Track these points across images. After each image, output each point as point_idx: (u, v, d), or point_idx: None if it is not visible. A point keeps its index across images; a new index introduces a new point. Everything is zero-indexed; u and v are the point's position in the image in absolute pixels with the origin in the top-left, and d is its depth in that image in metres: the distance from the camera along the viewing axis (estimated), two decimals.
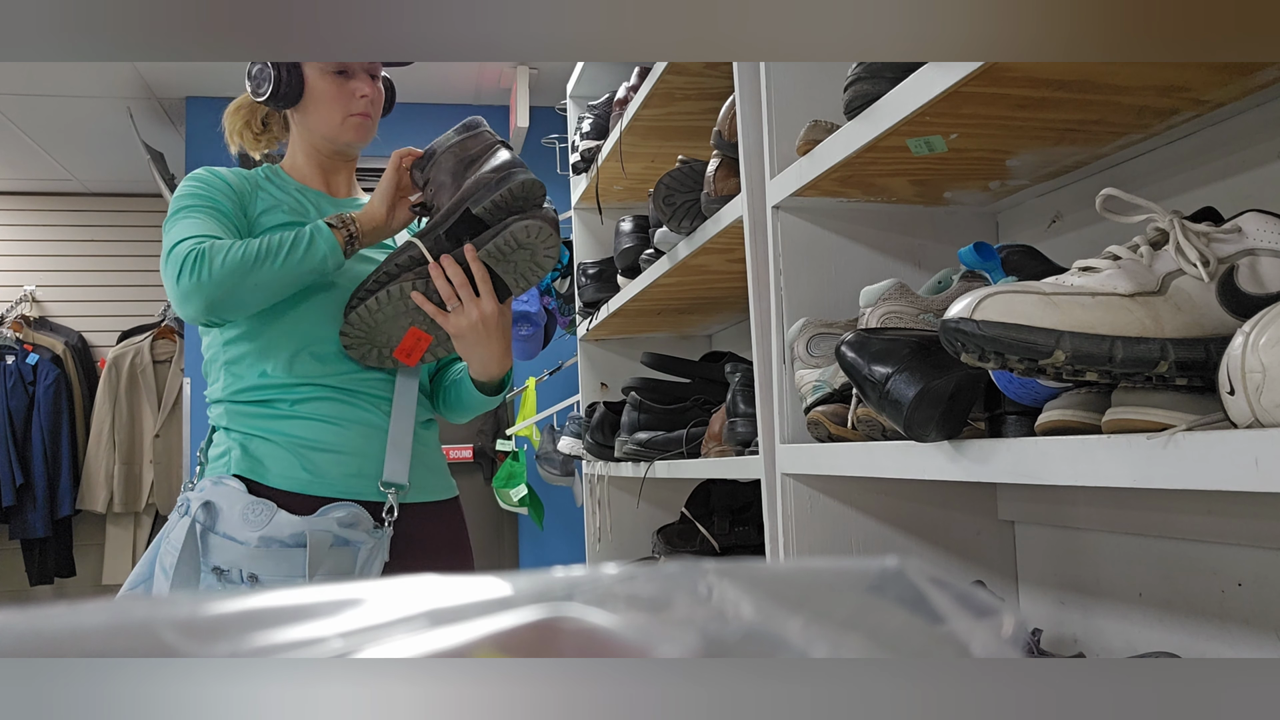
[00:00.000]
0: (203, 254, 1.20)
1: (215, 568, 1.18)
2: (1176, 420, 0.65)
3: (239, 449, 1.29)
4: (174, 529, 1.23)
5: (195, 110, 3.62)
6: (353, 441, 1.32)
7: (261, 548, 1.18)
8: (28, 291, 4.37)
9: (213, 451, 1.34)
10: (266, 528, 1.19)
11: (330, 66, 1.37)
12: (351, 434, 1.32)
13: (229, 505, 1.21)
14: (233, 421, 1.32)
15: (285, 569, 1.19)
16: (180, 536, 1.19)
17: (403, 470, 1.33)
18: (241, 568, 1.18)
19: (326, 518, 1.23)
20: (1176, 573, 1.04)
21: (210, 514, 1.21)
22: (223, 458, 1.30)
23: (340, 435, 1.31)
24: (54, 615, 0.24)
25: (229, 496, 1.22)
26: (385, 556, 1.29)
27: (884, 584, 0.31)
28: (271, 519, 1.20)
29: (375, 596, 0.27)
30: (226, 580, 1.18)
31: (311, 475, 1.28)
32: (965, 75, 0.83)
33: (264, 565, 1.19)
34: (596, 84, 2.46)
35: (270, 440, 1.29)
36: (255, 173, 1.43)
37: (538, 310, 3.20)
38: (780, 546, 1.22)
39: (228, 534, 1.19)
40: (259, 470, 1.27)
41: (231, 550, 1.19)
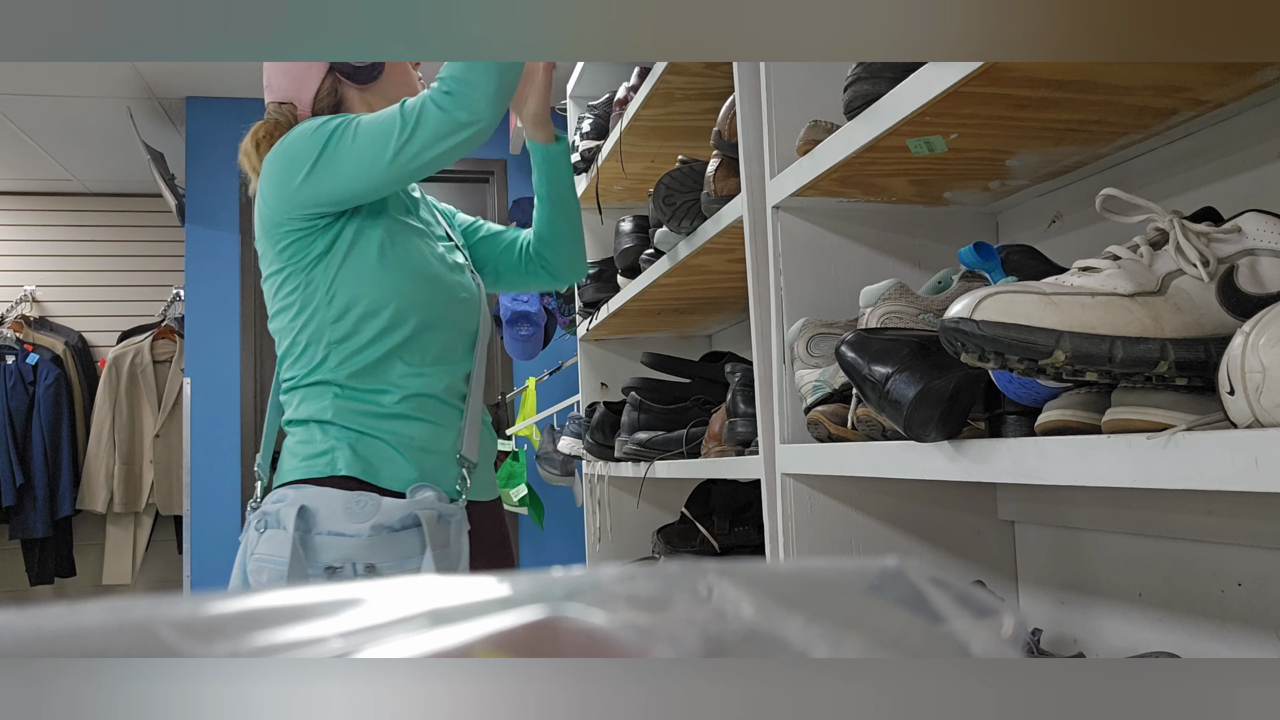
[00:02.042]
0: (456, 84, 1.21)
1: (327, 567, 1.20)
2: (1176, 420, 0.65)
3: (348, 450, 1.28)
4: (256, 545, 1.23)
5: (195, 110, 3.62)
6: (449, 442, 1.36)
7: (374, 536, 1.20)
8: (28, 291, 4.37)
9: (306, 449, 1.30)
10: (376, 516, 1.21)
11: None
12: (450, 435, 1.36)
13: (326, 505, 1.22)
14: (339, 416, 1.31)
15: (400, 553, 1.22)
16: (275, 549, 1.20)
17: (474, 449, 1.39)
18: (355, 560, 1.20)
19: (424, 497, 1.27)
20: (1176, 573, 1.04)
21: (305, 519, 1.21)
22: (323, 456, 1.29)
23: (442, 438, 1.35)
24: (54, 615, 0.24)
25: (322, 497, 1.23)
26: (467, 525, 1.33)
27: (884, 584, 0.31)
28: (379, 507, 1.22)
29: (375, 596, 0.27)
30: (340, 577, 1.19)
31: (420, 477, 1.30)
32: (965, 75, 0.83)
33: (379, 553, 1.21)
34: (596, 84, 2.46)
35: (380, 439, 1.30)
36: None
37: (538, 310, 3.21)
38: (780, 546, 1.22)
39: (333, 531, 1.21)
40: (371, 471, 1.28)
41: (342, 546, 1.20)
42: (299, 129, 1.32)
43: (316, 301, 1.33)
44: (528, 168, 3.93)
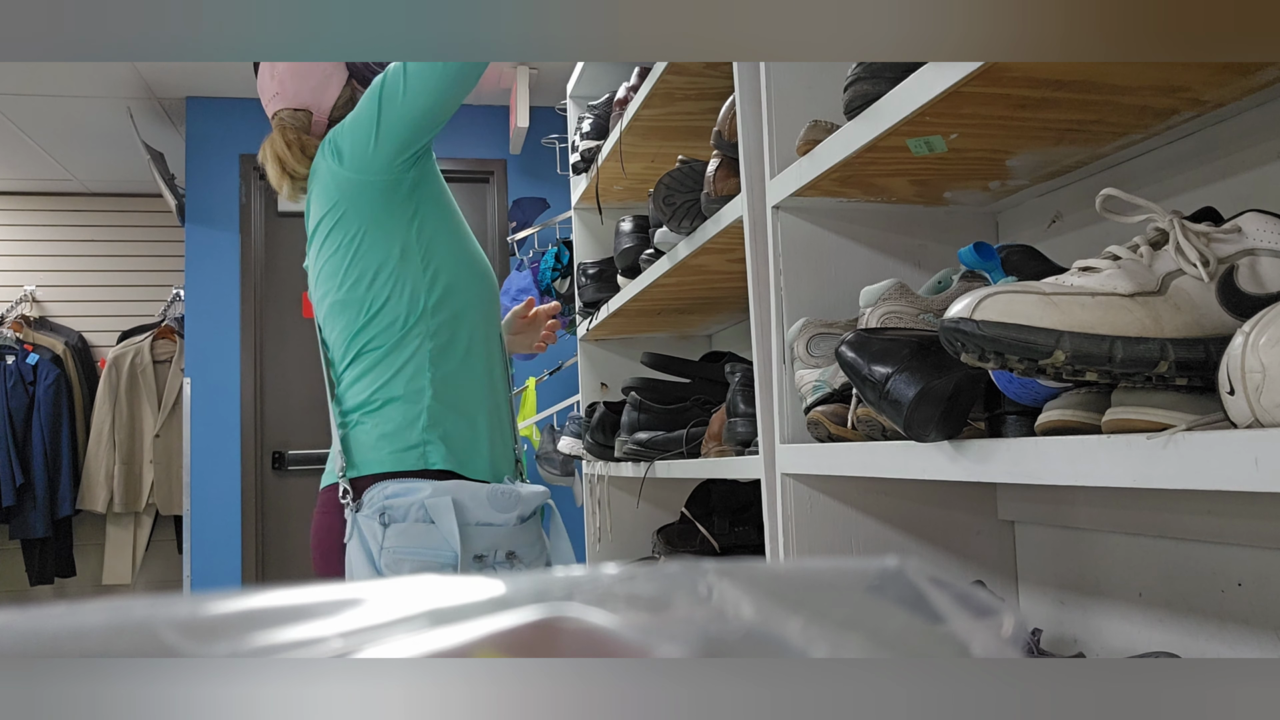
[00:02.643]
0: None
1: (476, 555, 1.24)
2: (1176, 420, 0.65)
3: (440, 444, 1.32)
4: (384, 538, 1.24)
5: (195, 110, 3.62)
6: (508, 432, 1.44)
7: (518, 525, 1.28)
8: (28, 291, 4.37)
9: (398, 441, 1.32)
10: (519, 506, 1.28)
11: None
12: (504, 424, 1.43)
13: (470, 497, 1.26)
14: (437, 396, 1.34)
15: (531, 538, 1.30)
16: (424, 541, 1.23)
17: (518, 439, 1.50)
18: (500, 548, 1.26)
19: (537, 488, 1.34)
20: (1176, 573, 1.04)
21: (454, 509, 1.24)
22: (414, 450, 1.31)
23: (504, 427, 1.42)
24: (54, 615, 0.24)
25: (465, 489, 1.27)
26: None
27: (884, 584, 0.31)
28: (519, 498, 1.29)
29: (375, 596, 0.27)
30: (485, 566, 1.25)
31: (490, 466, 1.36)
32: (965, 75, 0.83)
33: (519, 540, 1.28)
34: (596, 84, 2.46)
35: (468, 427, 1.35)
36: None
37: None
38: (780, 546, 1.22)
39: (482, 522, 1.25)
40: (461, 464, 1.32)
41: (490, 535, 1.25)
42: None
43: (413, 266, 1.37)
44: (528, 168, 3.94)
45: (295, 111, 1.47)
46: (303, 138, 1.46)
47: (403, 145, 1.35)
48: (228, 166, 3.63)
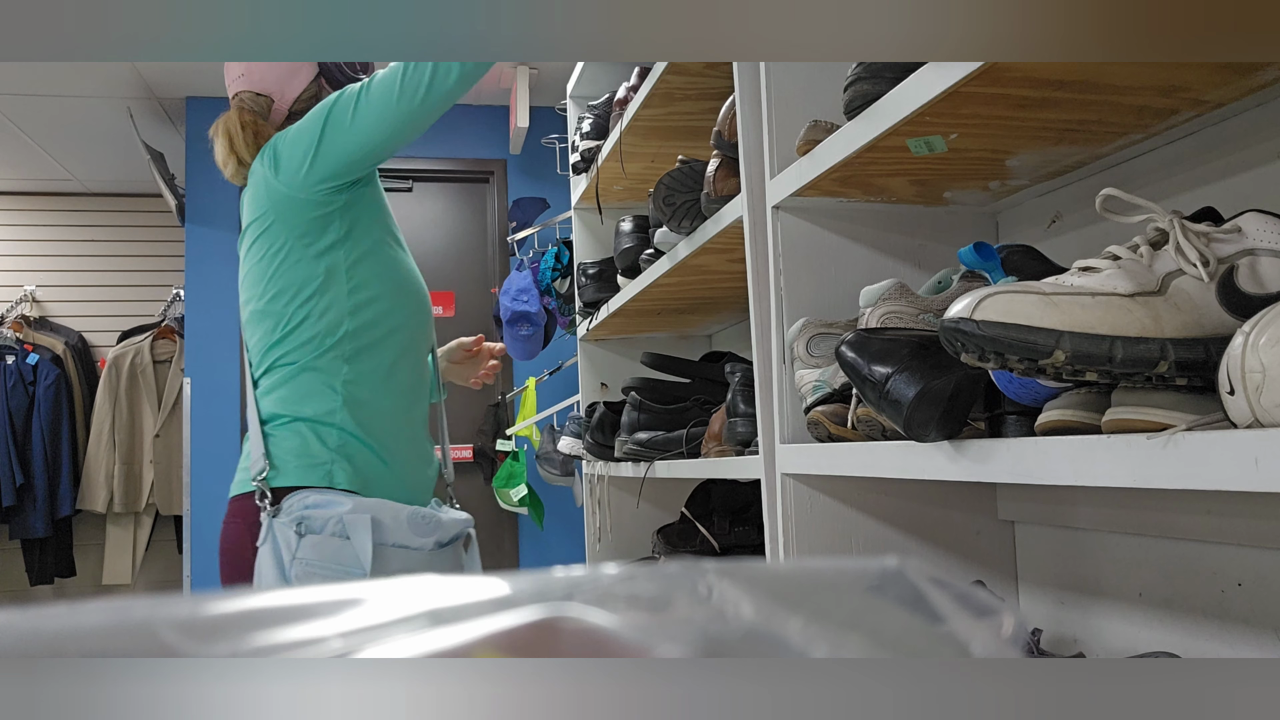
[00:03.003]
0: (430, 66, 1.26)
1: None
2: (1176, 420, 0.65)
3: (346, 464, 1.29)
4: (298, 546, 1.21)
5: (195, 110, 3.62)
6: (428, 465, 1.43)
7: (435, 550, 1.25)
8: (28, 291, 4.37)
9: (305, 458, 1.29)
10: (438, 532, 1.25)
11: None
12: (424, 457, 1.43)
13: (391, 517, 1.23)
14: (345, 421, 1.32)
15: (448, 566, 1.28)
16: (335, 556, 1.20)
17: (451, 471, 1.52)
18: (414, 572, 1.20)
19: (460, 515, 1.33)
20: (1176, 573, 1.04)
21: (378, 530, 1.22)
22: (321, 467, 1.29)
23: (423, 459, 1.41)
24: (54, 615, 0.24)
25: (386, 509, 1.24)
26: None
27: (884, 584, 0.31)
28: (439, 524, 1.26)
29: (375, 596, 0.27)
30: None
31: (406, 496, 1.33)
32: (965, 75, 0.83)
33: (434, 567, 1.25)
34: (596, 84, 2.46)
35: (375, 454, 1.32)
36: None
37: (538, 310, 3.20)
38: (780, 546, 1.22)
39: (398, 543, 1.22)
40: (365, 488, 1.29)
41: (405, 558, 1.22)
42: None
43: (337, 289, 1.34)
44: (528, 168, 3.94)
45: (257, 95, 1.45)
46: (259, 123, 1.44)
47: (336, 174, 1.34)
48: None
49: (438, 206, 3.88)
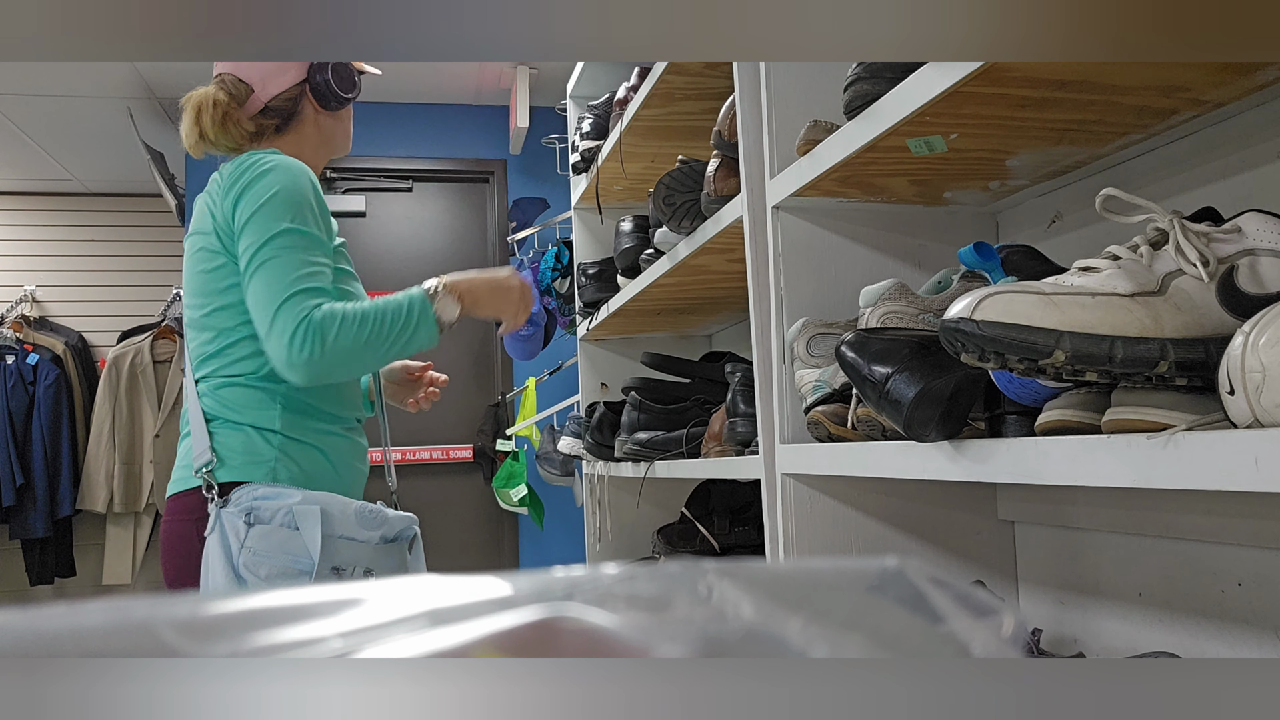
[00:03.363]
0: (319, 332, 1.22)
1: (334, 568, 1.25)
2: (1176, 420, 0.65)
3: (289, 463, 1.32)
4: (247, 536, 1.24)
5: None
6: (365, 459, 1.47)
7: (381, 545, 1.29)
8: (28, 291, 4.37)
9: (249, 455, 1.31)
10: (384, 527, 1.30)
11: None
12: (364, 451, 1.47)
13: (341, 509, 1.27)
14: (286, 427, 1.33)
15: (393, 563, 1.32)
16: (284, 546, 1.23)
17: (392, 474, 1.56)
18: (359, 564, 1.27)
19: (405, 515, 1.37)
20: (1176, 573, 1.04)
21: (327, 520, 1.26)
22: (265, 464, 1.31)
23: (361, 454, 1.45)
24: (54, 615, 0.24)
25: (335, 502, 1.28)
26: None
27: (884, 584, 0.31)
28: (385, 519, 1.31)
29: (375, 596, 0.27)
30: (344, 578, 1.26)
31: (349, 494, 1.38)
32: (965, 75, 0.83)
33: (379, 561, 1.29)
34: (596, 84, 2.46)
35: (319, 451, 1.36)
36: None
37: (538, 310, 3.20)
38: (780, 546, 1.22)
39: (346, 536, 1.26)
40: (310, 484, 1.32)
41: (351, 550, 1.26)
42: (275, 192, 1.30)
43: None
44: (528, 168, 3.94)
45: (239, 81, 1.43)
46: (231, 106, 1.42)
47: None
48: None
49: (438, 206, 3.88)
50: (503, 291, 1.40)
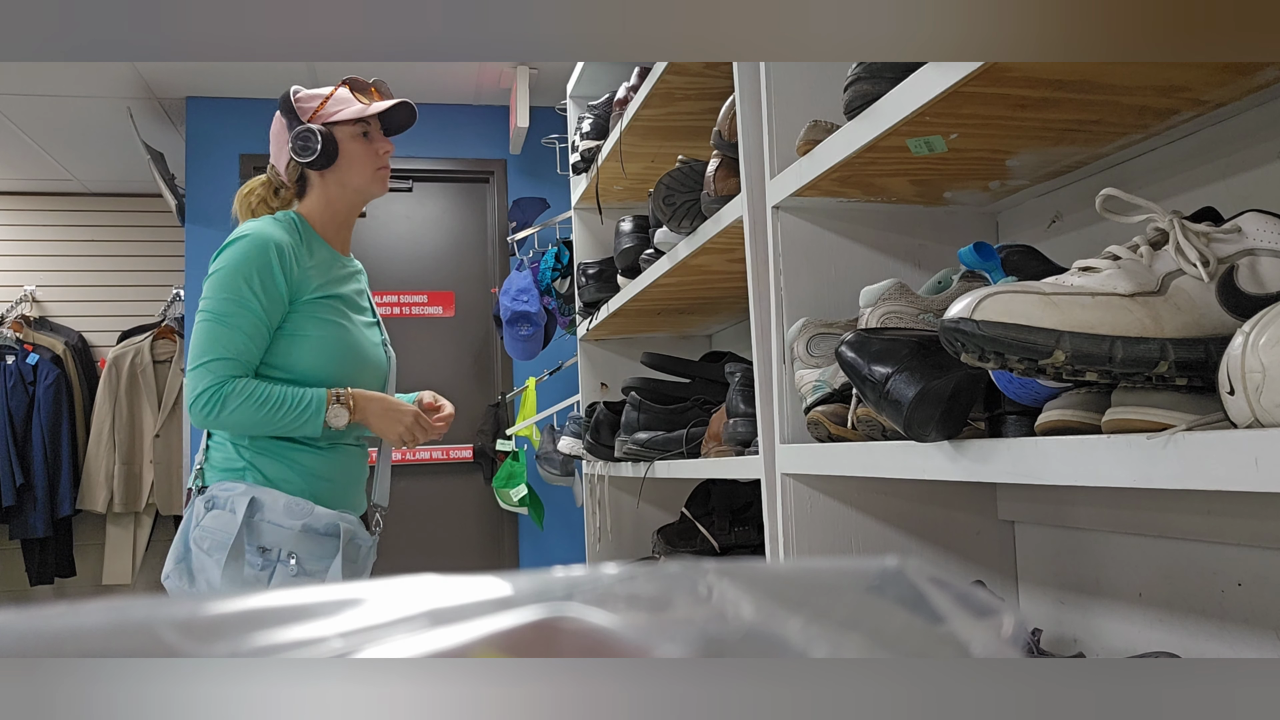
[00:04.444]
0: (221, 399, 1.47)
1: (260, 547, 1.47)
2: (1176, 420, 0.65)
3: (256, 471, 1.53)
4: (204, 518, 1.49)
5: (195, 110, 3.62)
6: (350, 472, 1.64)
7: (304, 533, 1.49)
8: (28, 291, 4.37)
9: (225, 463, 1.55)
10: (309, 518, 1.50)
11: (356, 130, 1.63)
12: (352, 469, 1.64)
13: (272, 500, 1.50)
14: (254, 441, 1.55)
15: (318, 552, 1.51)
16: (220, 524, 1.47)
17: (386, 494, 1.74)
18: (283, 548, 1.48)
19: (349, 517, 1.57)
20: (1176, 573, 1.04)
21: (253, 507, 1.48)
22: (237, 471, 1.53)
23: (340, 468, 1.61)
24: (54, 615, 0.24)
25: (270, 495, 1.51)
26: (375, 556, 1.67)
27: (884, 584, 0.31)
28: (312, 511, 1.52)
29: (375, 596, 0.27)
30: (269, 558, 1.48)
31: (315, 500, 1.55)
32: (965, 75, 0.83)
33: (303, 547, 1.49)
34: (596, 84, 2.46)
35: (285, 464, 1.55)
36: (291, 223, 1.62)
37: (538, 310, 3.20)
38: (780, 546, 1.22)
39: (273, 521, 1.49)
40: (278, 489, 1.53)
41: (278, 533, 1.48)
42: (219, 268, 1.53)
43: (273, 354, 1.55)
44: (528, 168, 3.94)
45: (272, 167, 1.68)
46: (269, 196, 1.68)
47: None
48: (228, 166, 3.63)
49: (438, 206, 3.88)
50: (393, 416, 1.60)
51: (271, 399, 1.48)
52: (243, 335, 1.49)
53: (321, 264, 1.60)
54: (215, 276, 1.52)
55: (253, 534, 1.47)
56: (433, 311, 3.80)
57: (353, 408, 1.54)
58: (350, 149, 1.62)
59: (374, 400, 1.58)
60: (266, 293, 1.51)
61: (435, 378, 3.71)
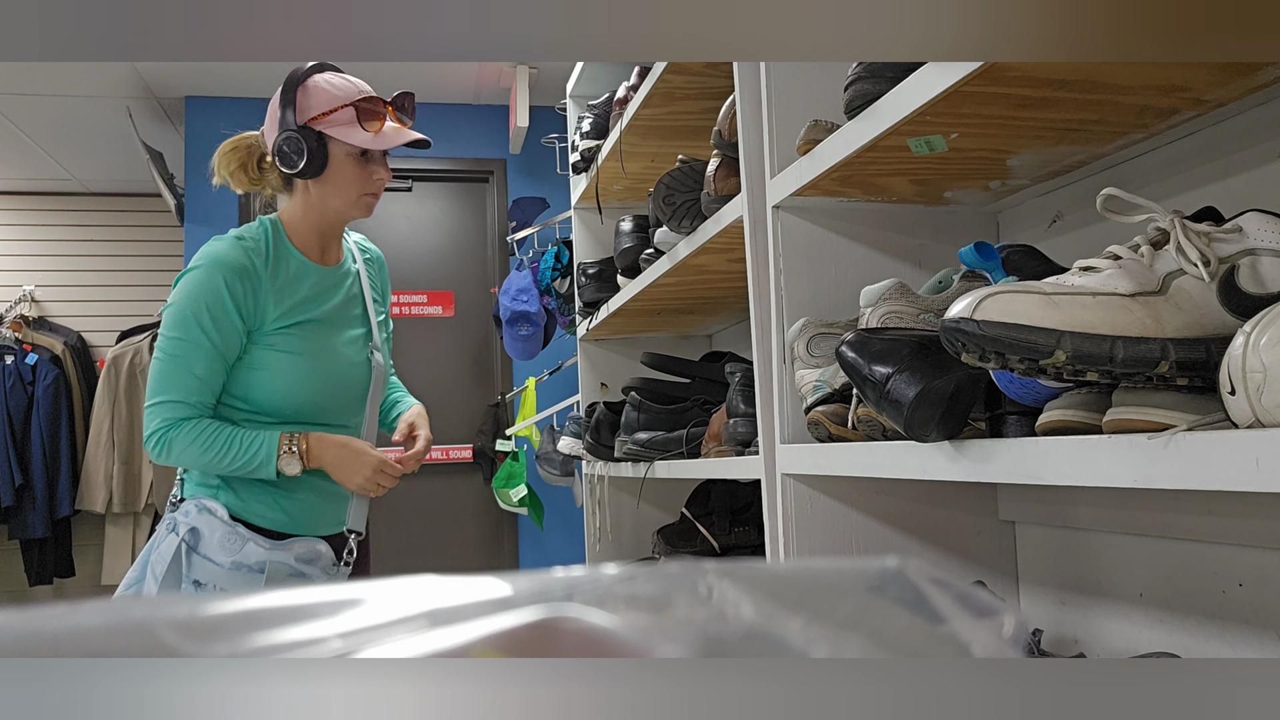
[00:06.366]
0: (168, 442, 1.45)
1: (195, 581, 1.43)
2: (1177, 420, 0.65)
3: (225, 487, 1.50)
4: (162, 542, 1.47)
5: (195, 110, 3.62)
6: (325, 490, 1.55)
7: (233, 570, 1.44)
8: (27, 291, 4.37)
9: (202, 476, 1.52)
10: (238, 555, 1.45)
11: (354, 149, 1.51)
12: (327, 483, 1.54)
13: (210, 531, 1.45)
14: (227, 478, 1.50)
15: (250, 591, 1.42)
16: (169, 552, 1.44)
17: (363, 519, 1.61)
18: (216, 584, 1.43)
19: (287, 551, 1.49)
20: (1176, 573, 1.04)
21: (195, 536, 1.45)
22: (211, 486, 1.50)
23: (313, 487, 1.54)
24: (54, 615, 0.24)
25: (210, 524, 1.46)
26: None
27: (884, 584, 0.31)
28: (242, 548, 1.46)
29: (375, 597, 0.27)
30: (204, 591, 1.43)
31: (287, 517, 1.51)
32: (965, 75, 0.83)
33: (234, 585, 1.44)
34: (596, 84, 2.46)
35: (258, 481, 1.50)
36: (261, 235, 1.54)
37: (538, 310, 3.20)
38: (780, 546, 1.22)
39: (207, 555, 1.44)
40: (242, 509, 1.49)
41: (209, 569, 1.44)
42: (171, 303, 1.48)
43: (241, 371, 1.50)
44: (528, 168, 3.94)
45: (260, 134, 1.61)
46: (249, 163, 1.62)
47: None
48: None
49: (438, 206, 3.88)
50: (351, 465, 1.51)
51: (217, 444, 1.44)
52: (193, 376, 1.44)
53: (291, 282, 1.51)
54: (169, 312, 1.47)
55: (191, 566, 1.44)
56: (432, 311, 3.80)
57: (307, 457, 1.47)
58: (342, 166, 1.51)
59: (331, 447, 1.49)
60: (219, 328, 1.44)
61: (435, 378, 3.72)
